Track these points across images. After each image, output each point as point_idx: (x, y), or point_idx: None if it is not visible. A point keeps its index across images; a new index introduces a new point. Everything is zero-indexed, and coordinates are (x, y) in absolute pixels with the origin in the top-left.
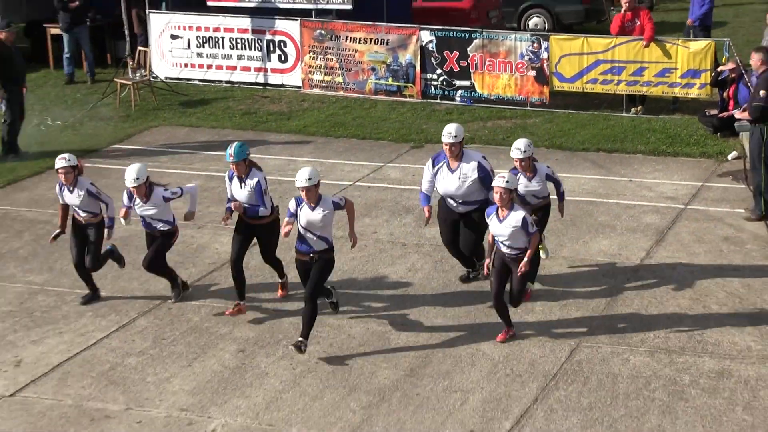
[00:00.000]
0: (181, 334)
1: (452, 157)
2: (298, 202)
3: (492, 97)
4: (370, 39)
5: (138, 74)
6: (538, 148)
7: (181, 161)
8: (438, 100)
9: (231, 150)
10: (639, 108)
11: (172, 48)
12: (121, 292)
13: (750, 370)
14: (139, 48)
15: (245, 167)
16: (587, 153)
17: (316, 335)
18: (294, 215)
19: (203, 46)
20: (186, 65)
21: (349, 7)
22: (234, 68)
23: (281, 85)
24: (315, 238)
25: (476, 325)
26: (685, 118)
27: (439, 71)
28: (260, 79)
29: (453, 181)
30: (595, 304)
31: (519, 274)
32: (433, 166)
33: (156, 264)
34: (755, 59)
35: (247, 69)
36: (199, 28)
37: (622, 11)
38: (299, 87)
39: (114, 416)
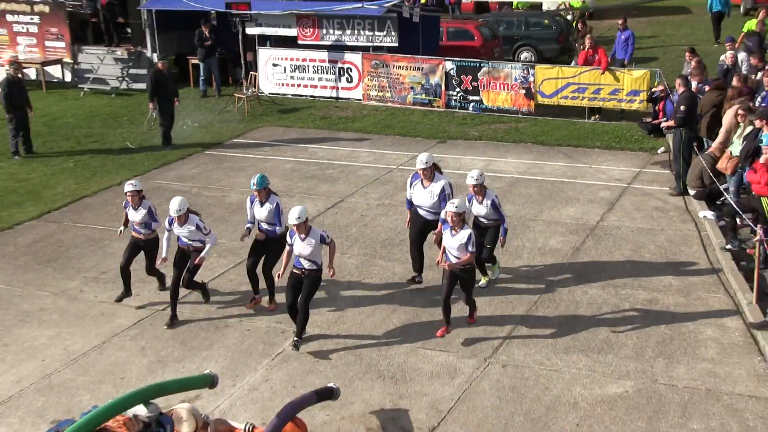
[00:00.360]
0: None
1: (425, 178)
2: (291, 234)
3: (494, 108)
4: (410, 66)
5: (249, 91)
6: (525, 144)
7: (279, 151)
8: (457, 110)
9: (255, 180)
10: (596, 116)
11: (273, 72)
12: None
13: (670, 300)
14: (251, 72)
15: (265, 193)
16: (560, 147)
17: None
18: (290, 244)
19: (294, 71)
20: (282, 84)
21: (396, 44)
22: (315, 86)
23: (348, 99)
24: (306, 261)
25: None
26: (629, 123)
27: (457, 89)
28: (333, 94)
29: (424, 195)
30: (564, 252)
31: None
32: (410, 184)
33: (190, 283)
34: (678, 83)
35: (324, 87)
36: (292, 59)
37: (586, 48)
38: (360, 100)
39: (231, 326)
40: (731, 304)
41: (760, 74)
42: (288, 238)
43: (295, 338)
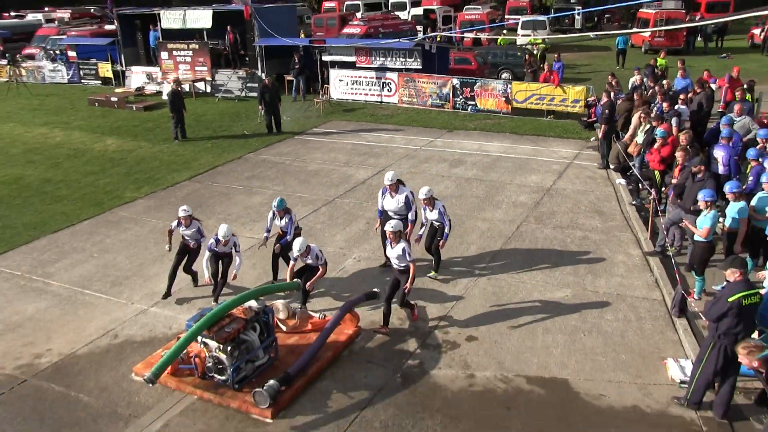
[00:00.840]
0: None
1: (391, 190)
2: (294, 258)
3: (485, 109)
4: (429, 81)
5: (324, 97)
6: (504, 134)
7: (342, 137)
8: (460, 110)
9: (275, 203)
10: (551, 116)
11: (339, 85)
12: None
13: (596, 236)
14: (325, 85)
15: (283, 212)
16: (528, 136)
17: None
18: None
19: (353, 84)
20: (345, 93)
21: (420, 67)
22: (366, 94)
23: (388, 102)
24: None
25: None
26: (572, 121)
27: (460, 97)
28: (378, 100)
29: (392, 203)
30: (529, 205)
31: (405, 290)
32: (382, 194)
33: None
34: (603, 95)
35: (373, 95)
36: (351, 76)
37: (545, 72)
38: (396, 103)
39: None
40: (634, 240)
41: (653, 91)
42: (291, 258)
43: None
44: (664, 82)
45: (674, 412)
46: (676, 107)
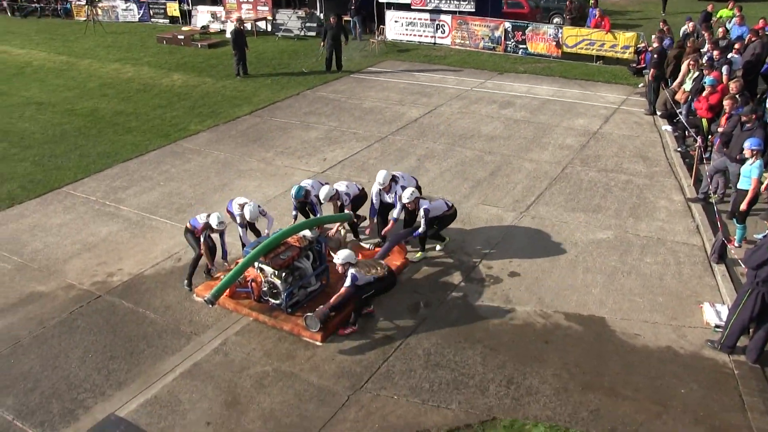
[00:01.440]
0: None
1: (384, 190)
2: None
3: (535, 53)
4: (482, 24)
5: (380, 37)
6: (553, 77)
7: (396, 76)
8: (511, 53)
9: (293, 191)
10: (601, 61)
11: (394, 26)
12: None
13: (640, 181)
14: (381, 26)
15: (300, 202)
16: (576, 80)
17: None
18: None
19: (408, 26)
20: (400, 34)
21: (473, 10)
22: (421, 36)
23: (441, 44)
24: None
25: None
26: (621, 67)
27: (512, 40)
28: (432, 41)
29: (387, 200)
30: (575, 148)
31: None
32: (376, 196)
33: None
34: (654, 41)
35: (427, 36)
36: (406, 18)
37: (596, 17)
38: (449, 45)
39: (363, 185)
40: (677, 186)
41: (704, 39)
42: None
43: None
44: (719, 30)
45: (707, 354)
46: (729, 56)
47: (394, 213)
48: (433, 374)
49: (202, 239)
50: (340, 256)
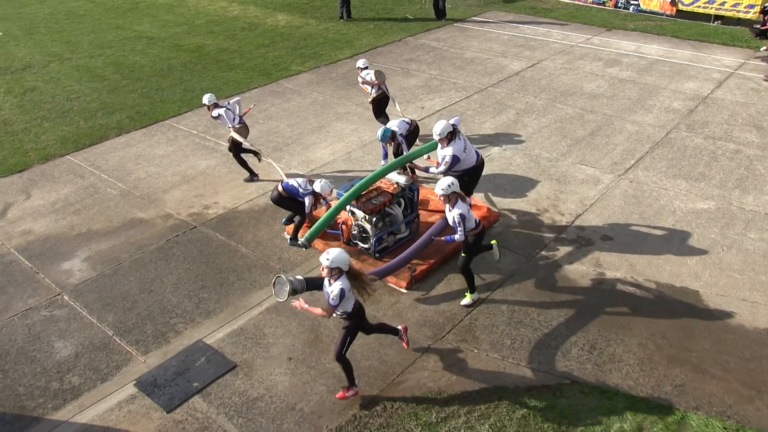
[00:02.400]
0: None
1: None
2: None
3: (647, 10)
4: None
5: None
6: (665, 37)
7: (500, 27)
8: (622, 9)
9: (379, 134)
10: (719, 21)
11: None
12: None
13: (751, 151)
14: None
15: (387, 143)
16: (690, 41)
17: None
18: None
19: None
20: None
21: None
22: None
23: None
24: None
25: None
26: (742, 28)
27: None
28: None
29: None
30: (682, 113)
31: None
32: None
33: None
34: None
35: None
36: None
37: None
38: None
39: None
40: None
41: None
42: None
43: None
44: None
45: None
46: None
47: (433, 169)
48: (515, 331)
49: (308, 204)
50: (329, 256)
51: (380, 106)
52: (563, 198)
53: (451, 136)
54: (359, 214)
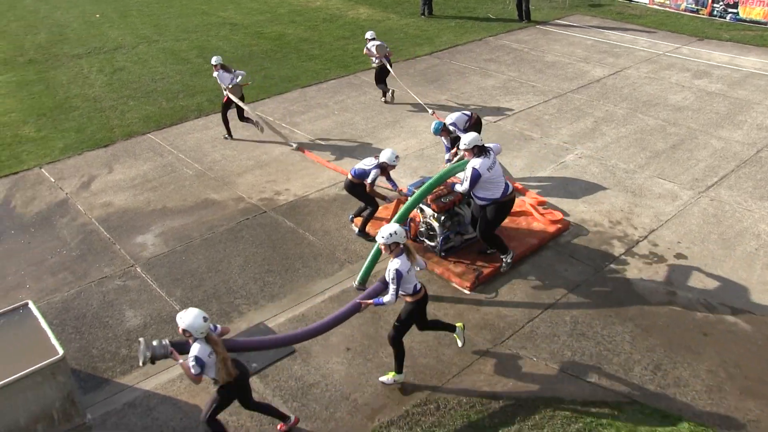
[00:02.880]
0: None
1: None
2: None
3: (747, 19)
4: None
5: None
6: (764, 48)
7: (584, 31)
8: (717, 18)
9: (433, 127)
10: None
11: None
12: None
13: None
14: None
15: (440, 135)
16: None
17: None
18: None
19: None
20: None
21: None
22: None
23: (638, 2)
24: None
25: None
26: None
27: (721, 2)
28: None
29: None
30: None
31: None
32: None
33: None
34: None
35: None
36: None
37: None
38: (647, 3)
39: (535, 140)
40: None
41: None
42: None
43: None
44: None
45: None
46: None
47: (458, 186)
48: (576, 343)
49: (373, 176)
50: (183, 319)
51: (380, 75)
52: (638, 211)
53: (479, 151)
54: (428, 211)
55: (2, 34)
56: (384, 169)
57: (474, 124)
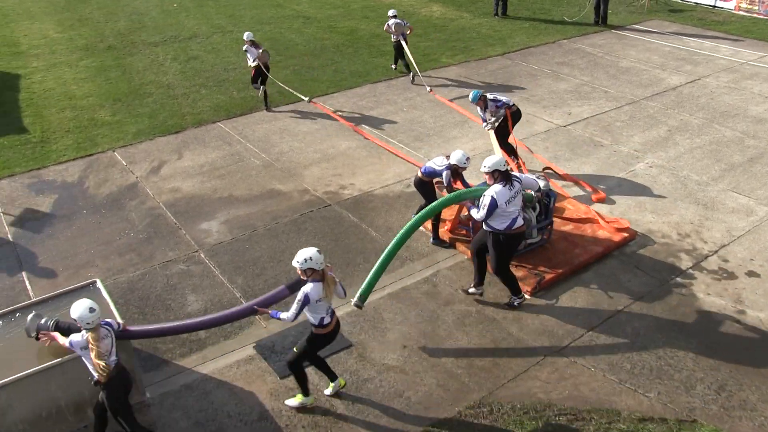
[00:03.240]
0: None
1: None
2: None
3: None
4: None
5: None
6: None
7: (661, 37)
8: None
9: (470, 95)
10: None
11: None
12: None
13: None
14: None
15: (476, 104)
16: None
17: None
18: None
19: None
20: None
21: None
22: None
23: (722, 8)
24: None
25: None
26: None
27: None
28: (711, 3)
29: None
30: None
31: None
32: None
33: None
34: None
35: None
36: None
37: None
38: (732, 9)
39: (605, 146)
40: None
41: None
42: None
43: None
44: None
45: None
46: None
47: (474, 211)
48: (636, 356)
49: (446, 177)
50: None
51: (397, 51)
52: (708, 225)
53: (500, 176)
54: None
55: (86, 21)
56: (455, 171)
57: (514, 112)
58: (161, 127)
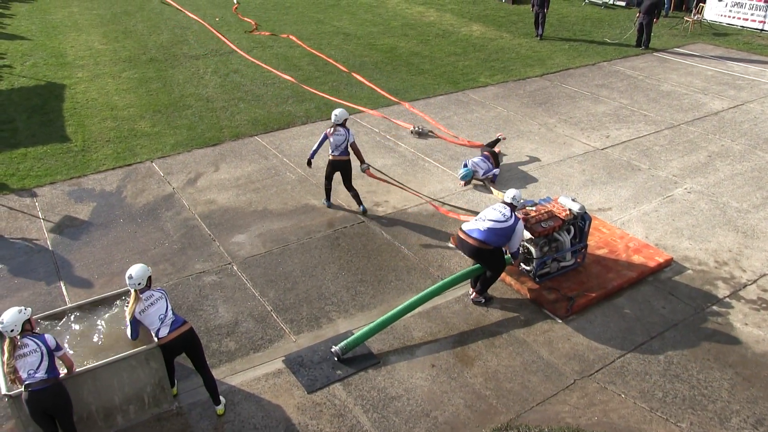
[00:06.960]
0: None
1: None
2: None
3: None
4: None
5: (696, 16)
6: None
7: (705, 61)
8: None
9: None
10: None
11: (717, 5)
12: None
13: None
14: (701, 4)
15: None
16: None
17: None
18: None
19: (733, 6)
20: (722, 15)
21: None
22: (746, 19)
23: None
24: None
25: None
26: None
27: None
28: (759, 27)
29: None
30: None
31: None
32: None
33: None
34: None
35: (754, 20)
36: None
37: None
38: None
39: (642, 171)
40: None
41: None
42: None
43: None
44: None
45: None
46: None
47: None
48: (669, 384)
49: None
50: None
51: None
52: (747, 253)
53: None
54: (527, 234)
55: (130, 33)
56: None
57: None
58: (199, 139)
